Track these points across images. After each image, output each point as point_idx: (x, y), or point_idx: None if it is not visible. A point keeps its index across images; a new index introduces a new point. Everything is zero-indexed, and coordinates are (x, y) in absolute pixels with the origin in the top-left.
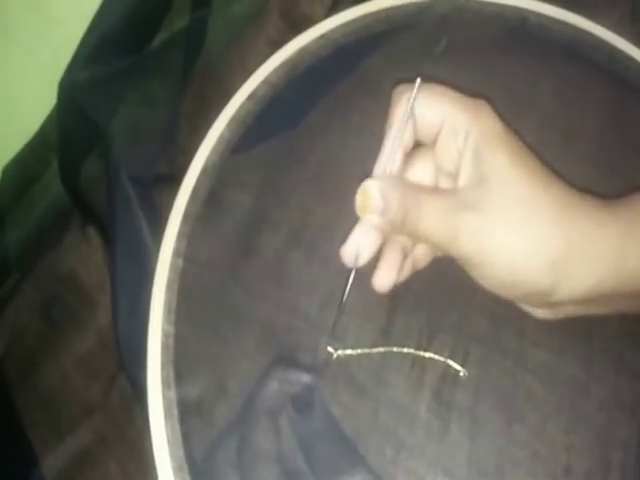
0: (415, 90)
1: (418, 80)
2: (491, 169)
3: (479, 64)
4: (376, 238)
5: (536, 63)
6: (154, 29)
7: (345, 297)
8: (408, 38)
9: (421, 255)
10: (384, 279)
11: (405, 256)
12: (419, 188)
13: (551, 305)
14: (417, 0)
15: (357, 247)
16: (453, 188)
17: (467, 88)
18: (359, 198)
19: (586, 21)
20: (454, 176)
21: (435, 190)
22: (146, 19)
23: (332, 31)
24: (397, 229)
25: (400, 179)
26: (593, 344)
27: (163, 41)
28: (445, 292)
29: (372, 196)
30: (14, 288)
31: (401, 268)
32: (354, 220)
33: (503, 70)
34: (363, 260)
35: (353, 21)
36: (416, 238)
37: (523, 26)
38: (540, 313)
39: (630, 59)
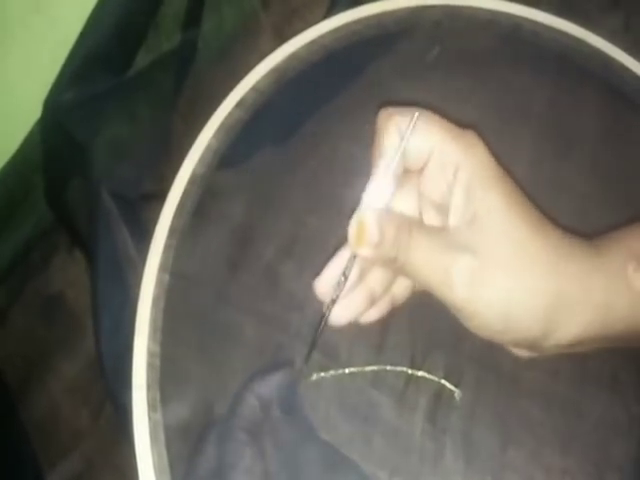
0: (411, 126)
1: (416, 115)
2: (484, 209)
3: (472, 71)
4: (356, 273)
5: (530, 71)
6: (138, 48)
7: (320, 330)
8: (401, 45)
9: (399, 294)
10: (341, 314)
11: (372, 302)
12: (410, 222)
13: (537, 349)
14: (409, 6)
15: (334, 280)
16: (444, 226)
17: (456, 111)
18: (353, 229)
19: (580, 29)
20: (439, 206)
21: (426, 226)
22: (131, 39)
23: (323, 37)
24: (388, 264)
25: (391, 211)
26: (587, 364)
27: (151, 62)
28: (439, 310)
29: (368, 228)
30: (1, 312)
31: (362, 312)
32: (346, 233)
33: (497, 77)
34: (338, 293)
35: (344, 27)
36: (405, 275)
37: (516, 33)
38: (523, 353)
39: (624, 68)
